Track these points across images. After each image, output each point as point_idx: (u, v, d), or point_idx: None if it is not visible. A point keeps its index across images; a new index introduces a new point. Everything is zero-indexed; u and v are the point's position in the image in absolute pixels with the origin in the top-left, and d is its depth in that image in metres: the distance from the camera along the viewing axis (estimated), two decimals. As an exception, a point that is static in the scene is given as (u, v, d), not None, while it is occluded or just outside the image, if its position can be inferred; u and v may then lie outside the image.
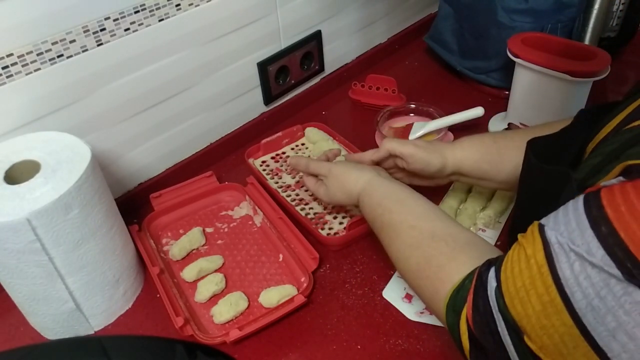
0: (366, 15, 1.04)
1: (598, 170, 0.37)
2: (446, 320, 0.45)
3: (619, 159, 0.35)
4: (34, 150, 0.58)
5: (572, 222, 0.34)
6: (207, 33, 0.77)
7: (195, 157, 0.85)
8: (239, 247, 0.72)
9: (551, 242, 0.36)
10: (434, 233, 0.51)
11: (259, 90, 0.91)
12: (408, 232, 0.53)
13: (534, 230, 0.38)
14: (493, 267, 0.41)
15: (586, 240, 0.33)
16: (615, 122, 0.43)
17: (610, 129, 0.44)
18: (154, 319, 0.64)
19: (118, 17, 0.66)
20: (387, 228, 0.56)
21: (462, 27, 0.99)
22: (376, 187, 0.61)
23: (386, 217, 0.57)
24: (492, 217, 0.71)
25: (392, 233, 0.55)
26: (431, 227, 0.52)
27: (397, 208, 0.56)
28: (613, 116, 0.45)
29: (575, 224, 0.34)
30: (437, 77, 1.07)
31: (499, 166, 0.63)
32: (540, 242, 0.36)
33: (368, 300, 0.64)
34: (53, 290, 0.57)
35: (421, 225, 0.53)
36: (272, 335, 0.61)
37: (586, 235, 0.33)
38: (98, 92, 0.68)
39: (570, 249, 0.34)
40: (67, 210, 0.53)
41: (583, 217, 0.34)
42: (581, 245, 0.33)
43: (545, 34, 0.86)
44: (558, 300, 0.34)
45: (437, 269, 0.48)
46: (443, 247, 0.49)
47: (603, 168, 0.36)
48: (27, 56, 0.60)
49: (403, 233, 0.53)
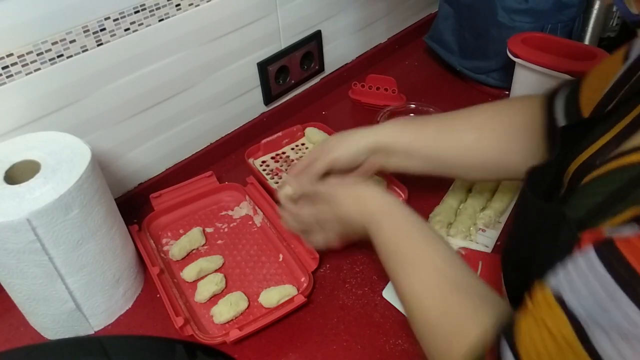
0: (366, 15, 1.04)
1: (601, 212, 0.34)
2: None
3: (624, 200, 0.33)
4: (34, 150, 0.58)
5: (593, 284, 0.30)
6: (207, 33, 0.77)
7: (195, 157, 0.85)
8: (239, 247, 0.72)
9: (577, 313, 0.31)
10: (457, 282, 0.46)
11: (259, 90, 0.91)
12: (430, 273, 0.47)
13: (546, 295, 0.33)
14: (504, 338, 0.36)
15: (622, 309, 0.28)
16: (597, 146, 0.42)
17: (591, 154, 0.42)
18: (154, 319, 0.64)
19: (118, 17, 0.66)
20: (405, 262, 0.50)
21: (462, 27, 1.00)
22: (400, 212, 0.54)
23: (409, 251, 0.50)
24: (492, 217, 0.71)
25: (410, 269, 0.49)
26: (455, 275, 0.47)
27: (423, 245, 0.50)
28: (592, 139, 0.43)
29: (601, 288, 0.30)
30: (437, 77, 1.07)
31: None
32: (562, 312, 0.32)
33: (368, 300, 0.64)
34: (53, 290, 0.57)
35: (446, 270, 0.47)
36: (272, 335, 0.61)
37: (620, 301, 0.29)
38: (98, 92, 0.68)
39: (605, 321, 0.29)
40: (67, 210, 0.53)
41: (608, 279, 0.29)
42: (617, 314, 0.29)
43: (545, 34, 0.86)
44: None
45: (455, 324, 0.43)
46: (464, 300, 0.44)
47: (607, 210, 0.34)
48: (27, 56, 0.60)
49: (424, 272, 0.48)
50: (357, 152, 0.65)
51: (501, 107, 0.65)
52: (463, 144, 0.63)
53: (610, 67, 0.51)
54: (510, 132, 0.62)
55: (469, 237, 0.70)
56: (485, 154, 0.62)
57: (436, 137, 0.64)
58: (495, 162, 0.62)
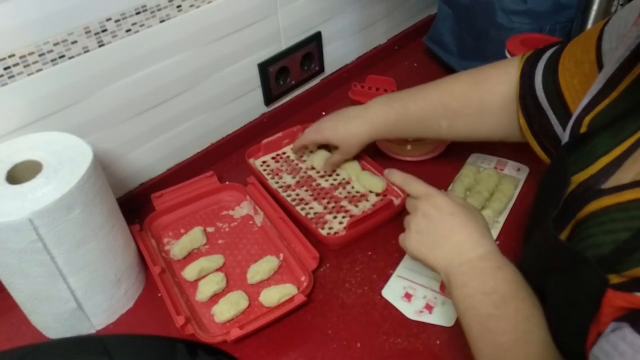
0: (366, 16, 1.04)
1: (631, 252, 0.32)
2: None
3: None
4: (35, 151, 0.58)
5: None
6: (208, 34, 0.78)
7: (196, 158, 0.86)
8: (239, 247, 0.72)
9: None
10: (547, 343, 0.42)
11: (260, 90, 0.91)
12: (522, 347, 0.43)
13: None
14: None
15: None
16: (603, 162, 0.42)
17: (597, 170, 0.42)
18: (155, 318, 0.64)
19: (119, 18, 0.66)
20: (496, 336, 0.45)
21: (461, 28, 1.00)
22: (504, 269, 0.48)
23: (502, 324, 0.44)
24: (490, 217, 0.71)
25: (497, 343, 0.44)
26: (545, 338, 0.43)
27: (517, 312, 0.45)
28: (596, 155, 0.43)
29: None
30: (436, 77, 1.05)
31: None
32: None
33: (368, 299, 0.64)
34: (55, 290, 0.58)
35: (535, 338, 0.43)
36: (273, 334, 0.61)
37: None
38: (99, 93, 0.69)
39: None
40: (69, 210, 0.54)
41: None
42: None
43: (543, 35, 0.86)
44: None
45: None
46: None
47: (638, 249, 0.32)
48: (29, 57, 0.60)
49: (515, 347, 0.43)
50: (353, 149, 0.77)
51: (479, 79, 0.67)
52: (439, 132, 0.71)
53: (585, 56, 0.52)
54: (484, 112, 0.67)
55: (468, 236, 0.70)
56: (458, 135, 0.71)
57: (417, 127, 0.72)
58: (467, 138, 0.71)
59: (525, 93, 0.61)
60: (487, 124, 0.67)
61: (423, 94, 0.71)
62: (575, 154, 0.46)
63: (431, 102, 0.70)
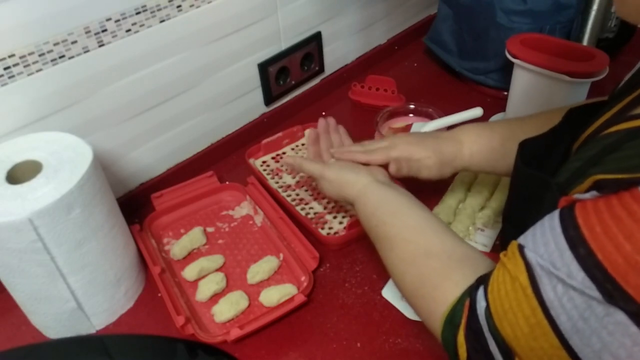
0: (366, 16, 1.04)
1: (578, 176, 0.37)
2: (443, 342, 0.44)
3: (596, 165, 0.35)
4: (35, 151, 0.58)
5: (550, 243, 0.35)
6: (208, 34, 0.78)
7: (196, 158, 0.86)
8: (239, 247, 0.72)
9: (533, 264, 0.36)
10: (428, 249, 0.50)
11: (260, 91, 0.91)
12: (402, 246, 0.52)
13: (515, 251, 0.38)
14: (482, 286, 0.41)
15: (566, 263, 0.33)
16: (600, 121, 0.43)
17: (594, 129, 0.44)
18: (155, 318, 0.64)
19: (119, 18, 0.66)
20: (382, 240, 0.55)
21: (461, 28, 1.00)
22: (370, 195, 0.59)
23: (381, 229, 0.55)
24: (491, 217, 0.71)
25: (387, 245, 0.54)
26: (425, 242, 0.50)
27: (392, 220, 0.55)
28: (599, 116, 0.45)
29: (554, 246, 0.34)
30: (436, 77, 1.07)
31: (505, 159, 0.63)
32: (523, 263, 0.37)
33: (368, 300, 0.64)
34: (55, 290, 0.58)
35: (416, 239, 0.51)
36: (273, 334, 0.61)
37: (565, 257, 0.33)
38: (100, 93, 0.69)
39: (551, 272, 0.34)
40: (69, 210, 0.54)
41: (561, 239, 0.34)
42: (562, 268, 0.33)
43: (543, 35, 0.86)
44: (544, 322, 0.35)
45: (431, 289, 0.47)
46: (437, 265, 0.48)
47: (582, 174, 0.36)
48: (29, 57, 0.60)
49: (397, 247, 0.52)
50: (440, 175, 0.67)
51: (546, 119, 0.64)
52: None
53: None
54: None
55: (467, 236, 0.70)
56: None
57: (498, 161, 0.66)
58: None
59: None
60: None
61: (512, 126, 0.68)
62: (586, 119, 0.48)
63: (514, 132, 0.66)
